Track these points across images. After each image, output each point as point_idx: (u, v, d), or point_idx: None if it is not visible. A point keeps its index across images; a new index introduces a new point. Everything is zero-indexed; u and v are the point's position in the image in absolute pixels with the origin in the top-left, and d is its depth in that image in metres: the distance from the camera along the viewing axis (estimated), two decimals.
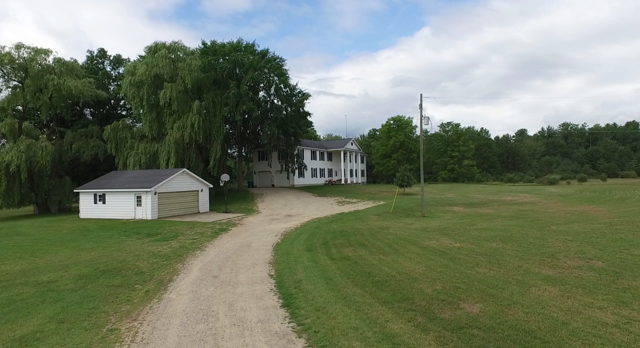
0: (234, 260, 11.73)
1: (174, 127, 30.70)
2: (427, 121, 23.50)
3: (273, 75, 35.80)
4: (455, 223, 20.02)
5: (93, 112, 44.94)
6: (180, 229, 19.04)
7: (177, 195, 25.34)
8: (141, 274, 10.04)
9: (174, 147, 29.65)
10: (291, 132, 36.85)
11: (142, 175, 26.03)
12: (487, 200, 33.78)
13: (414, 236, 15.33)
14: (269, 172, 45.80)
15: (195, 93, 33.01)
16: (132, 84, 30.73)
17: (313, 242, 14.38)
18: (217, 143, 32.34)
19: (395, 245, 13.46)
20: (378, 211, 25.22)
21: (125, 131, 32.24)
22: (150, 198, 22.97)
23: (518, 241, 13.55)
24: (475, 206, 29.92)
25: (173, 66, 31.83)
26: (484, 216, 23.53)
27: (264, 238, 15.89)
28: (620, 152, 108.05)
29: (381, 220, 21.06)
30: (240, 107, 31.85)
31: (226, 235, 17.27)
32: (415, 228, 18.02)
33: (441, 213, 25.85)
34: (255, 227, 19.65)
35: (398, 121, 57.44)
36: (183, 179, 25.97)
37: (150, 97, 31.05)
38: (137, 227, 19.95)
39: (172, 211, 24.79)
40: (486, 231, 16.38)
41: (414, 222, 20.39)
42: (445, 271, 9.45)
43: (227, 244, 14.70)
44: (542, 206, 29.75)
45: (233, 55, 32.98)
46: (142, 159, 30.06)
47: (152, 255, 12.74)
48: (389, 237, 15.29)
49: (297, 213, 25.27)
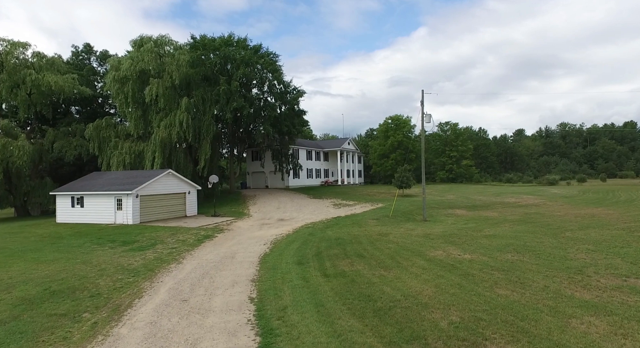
0: (212, 276, 10.13)
1: (161, 125, 29.01)
2: (429, 119, 22.02)
3: (266, 71, 34.20)
4: (460, 228, 18.54)
5: (80, 110, 43.10)
6: (161, 236, 17.40)
7: (162, 198, 23.66)
8: (97, 296, 8.42)
9: (160, 146, 27.94)
10: (285, 131, 35.24)
11: (124, 176, 24.33)
12: (490, 202, 32.39)
13: (417, 245, 13.82)
14: (262, 173, 44.16)
15: (183, 90, 31.33)
16: (116, 80, 28.98)
17: (305, 253, 12.81)
18: (206, 142, 30.68)
19: (397, 256, 11.93)
20: (376, 215, 23.70)
21: (109, 129, 30.48)
22: (131, 202, 21.29)
23: (535, 252, 12.07)
24: (478, 209, 28.51)
25: (160, 61, 30.14)
26: (490, 220, 22.07)
27: (251, 248, 14.30)
28: (618, 152, 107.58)
29: (380, 226, 19.54)
30: (231, 104, 30.21)
31: (210, 243, 15.65)
32: (418, 235, 16.51)
33: (443, 217, 24.38)
34: (244, 234, 18.05)
35: (396, 120, 56.01)
36: (168, 181, 24.31)
37: (135, 93, 29.32)
38: (114, 234, 18.28)
39: (156, 215, 23.11)
40: (496, 239, 14.91)
41: (416, 228, 18.89)
42: (459, 293, 7.92)
43: (208, 255, 13.10)
44: (548, 208, 28.38)
45: (224, 50, 31.33)
46: (126, 159, 28.34)
47: (120, 269, 11.11)
48: (389, 246, 13.76)
49: (290, 217, 23.70)
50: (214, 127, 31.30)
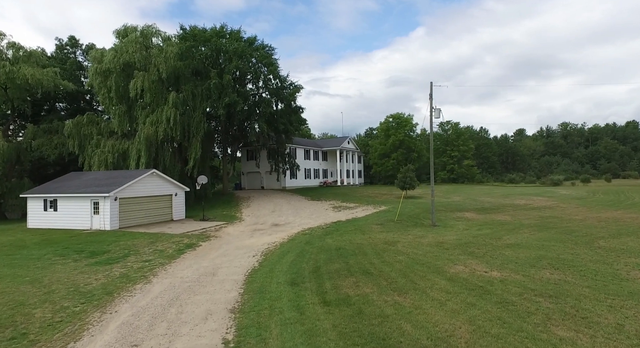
0: (183, 303, 8.07)
1: (147, 122, 26.89)
2: (439, 113, 20.00)
3: (261, 65, 32.13)
4: (475, 235, 16.54)
5: (66, 107, 40.87)
6: (138, 244, 15.32)
7: (145, 200, 21.56)
8: (20, 338, 6.34)
9: (144, 144, 25.82)
10: (282, 129, 33.15)
11: (104, 177, 22.22)
12: (499, 204, 30.41)
13: (432, 257, 11.80)
14: (258, 173, 42.06)
15: (172, 84, 29.23)
16: (99, 73, 26.87)
17: (300, 268, 10.77)
18: (196, 141, 28.57)
19: (410, 273, 9.91)
20: (380, 219, 21.67)
21: (91, 126, 28.32)
22: (108, 205, 19.18)
23: (575, 267, 10.07)
24: (488, 212, 26.53)
25: (146, 53, 28.01)
26: (505, 225, 20.08)
27: (237, 261, 12.24)
28: (620, 152, 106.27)
29: (386, 232, 17.50)
30: (223, 99, 28.12)
31: (191, 254, 13.58)
32: (429, 243, 14.49)
33: (453, 221, 22.37)
34: (232, 242, 15.97)
35: (397, 119, 53.97)
36: (152, 182, 22.20)
37: (119, 87, 27.19)
38: (86, 242, 16.17)
39: (138, 219, 21.01)
40: (521, 249, 12.91)
41: (425, 234, 16.88)
42: (505, 335, 5.89)
43: (186, 271, 11.03)
44: (564, 212, 26.43)
45: (215, 42, 29.24)
46: (109, 158, 26.20)
47: (72, 292, 9.03)
48: (399, 258, 11.73)
49: (286, 222, 21.64)
50: (204, 124, 29.22)
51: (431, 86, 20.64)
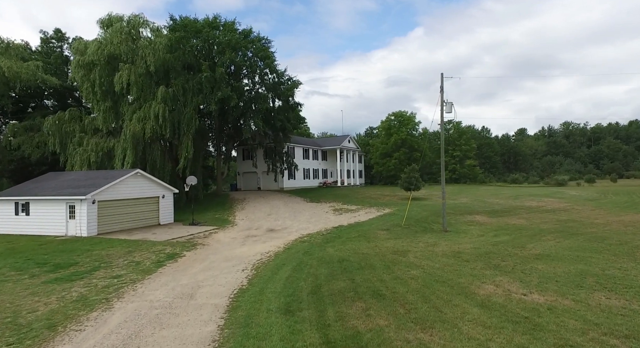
0: (143, 342, 6.20)
1: (133, 118, 24.98)
2: (450, 108, 18.18)
3: (257, 58, 30.24)
4: (493, 243, 14.72)
5: (53, 104, 38.89)
6: (112, 255, 13.44)
7: (128, 203, 19.67)
8: None
9: (130, 142, 23.92)
10: (279, 126, 31.27)
11: (84, 178, 20.30)
12: (510, 206, 28.62)
13: (452, 272, 9.98)
14: (254, 173, 40.16)
15: (161, 78, 27.30)
16: (81, 66, 24.96)
17: (297, 288, 8.92)
18: (187, 139, 26.66)
19: (431, 295, 8.08)
20: (386, 224, 19.83)
21: (74, 123, 26.39)
22: (85, 209, 17.28)
23: (633, 288, 8.25)
24: (500, 214, 24.74)
25: (133, 44, 26.10)
26: (523, 231, 18.28)
27: (223, 277, 10.38)
28: (624, 152, 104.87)
29: (393, 239, 15.66)
30: (216, 94, 26.24)
31: (171, 267, 11.71)
32: (444, 253, 12.66)
33: (465, 225, 20.56)
34: (220, 251, 14.11)
35: (400, 117, 52.13)
36: (137, 183, 20.31)
37: (103, 81, 25.26)
38: (54, 251, 14.27)
39: (120, 224, 19.12)
40: (554, 261, 11.10)
41: (438, 242, 15.05)
42: None
43: (158, 291, 9.16)
44: (581, 214, 24.67)
45: (207, 33, 27.34)
46: (91, 157, 24.28)
47: (8, 323, 7.16)
48: (413, 273, 9.90)
49: (283, 227, 19.78)
50: (196, 121, 27.30)
51: (442, 78, 18.84)
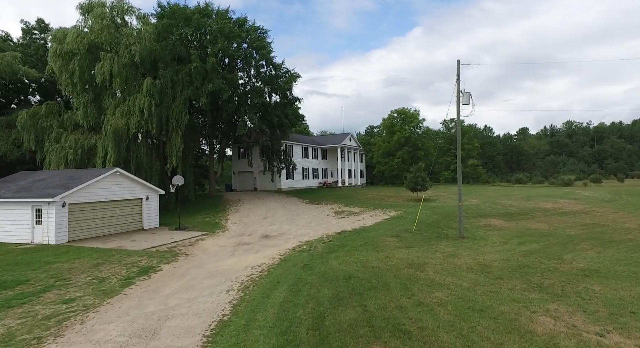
0: None
1: (116, 112, 22.85)
2: (468, 98, 16.12)
3: (252, 50, 28.12)
4: (521, 252, 12.67)
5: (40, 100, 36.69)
6: (75, 268, 11.33)
7: (105, 206, 17.54)
8: None
9: (112, 139, 21.78)
10: (276, 122, 29.15)
11: (55, 177, 18.16)
12: (525, 208, 26.59)
13: (487, 294, 7.93)
14: (250, 173, 38.04)
15: (148, 69, 25.18)
16: (59, 55, 22.79)
17: (294, 321, 6.83)
18: (177, 135, 24.53)
19: (471, 333, 6.02)
20: (394, 229, 17.75)
21: (51, 118, 24.20)
22: (53, 213, 15.15)
23: None
24: (517, 218, 22.73)
25: (116, 32, 23.97)
26: (550, 237, 16.26)
27: (201, 302, 8.29)
28: (628, 151, 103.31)
29: (406, 248, 13.59)
30: (206, 86, 24.13)
31: (140, 287, 9.61)
32: (469, 266, 10.61)
33: (481, 230, 18.52)
34: (205, 264, 12.00)
35: (403, 114, 50.03)
36: (116, 183, 18.18)
37: (84, 72, 23.12)
38: (8, 264, 12.12)
39: (96, 230, 16.99)
40: (608, 280, 9.06)
41: (457, 251, 12.99)
42: None
43: (111, 326, 7.05)
44: (604, 217, 22.70)
45: (197, 20, 25.21)
46: (69, 155, 22.12)
47: None
48: (438, 295, 7.85)
49: (279, 233, 17.69)
50: (186, 116, 25.15)
51: (458, 65, 16.77)
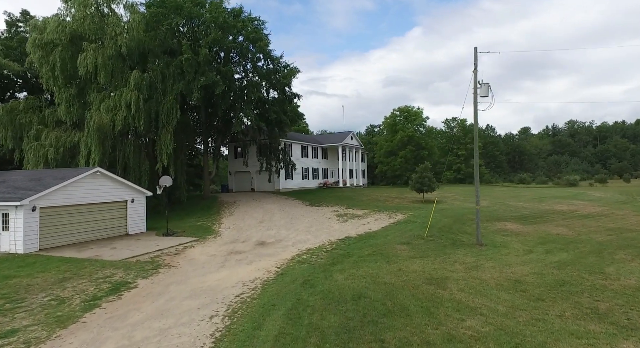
0: None
1: (101, 107, 21.15)
2: (486, 90, 14.48)
3: (248, 42, 26.43)
4: (554, 265, 11.02)
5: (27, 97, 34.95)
6: (35, 285, 9.64)
7: (84, 210, 15.84)
8: None
9: (96, 136, 20.09)
10: (274, 119, 27.45)
11: (28, 178, 16.45)
12: (539, 210, 24.96)
13: (533, 324, 6.28)
14: (247, 173, 36.34)
15: (137, 62, 23.46)
16: (39, 45, 21.09)
17: None
18: (167, 132, 22.81)
19: None
20: (403, 234, 16.07)
21: (31, 114, 22.48)
22: (22, 218, 13.45)
23: None
24: (533, 221, 21.10)
25: (101, 21, 22.28)
26: (579, 244, 14.63)
27: (175, 336, 6.59)
28: (632, 151, 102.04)
29: (419, 258, 11.92)
30: (199, 79, 22.44)
31: (105, 311, 7.91)
32: (498, 282, 8.98)
33: (499, 236, 16.86)
34: (189, 278, 10.31)
35: (405, 112, 48.39)
36: (96, 184, 16.48)
37: (66, 64, 21.41)
38: None
39: (73, 236, 15.29)
40: None
41: (478, 262, 11.33)
42: None
43: None
44: (629, 221, 21.08)
45: (189, 8, 23.51)
46: (49, 153, 20.42)
47: None
48: (472, 326, 6.19)
49: (277, 239, 16.00)
50: (177, 112, 23.44)
51: (475, 53, 15.14)
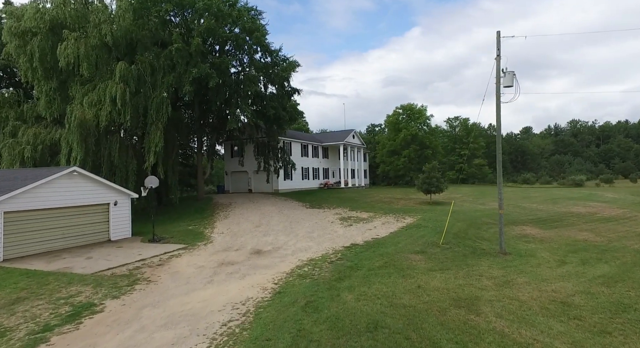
0: None
1: (84, 102, 19.45)
2: (511, 79, 12.82)
3: (244, 33, 24.75)
4: (600, 280, 9.39)
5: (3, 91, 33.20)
6: None
7: (59, 214, 14.15)
8: None
9: (77, 132, 18.40)
10: (272, 115, 25.78)
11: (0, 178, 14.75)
12: (555, 213, 23.34)
13: None
14: (244, 173, 34.66)
15: (124, 53, 21.77)
16: (15, 34, 19.41)
17: None
18: (157, 129, 21.10)
19: None
20: (416, 241, 14.41)
21: (7, 109, 20.79)
22: None
23: None
24: (552, 225, 19.46)
25: (84, 8, 20.59)
26: (615, 253, 12.99)
27: None
28: (635, 151, 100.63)
29: (439, 271, 10.26)
30: (190, 71, 20.76)
31: None
32: (542, 305, 7.33)
33: (521, 242, 15.21)
34: (168, 299, 8.62)
35: (409, 110, 46.76)
36: (74, 185, 14.78)
37: (46, 55, 19.71)
38: None
39: (45, 244, 13.59)
40: None
41: (509, 276, 9.69)
42: None
43: None
44: None
45: None
46: (26, 151, 18.74)
47: None
48: None
49: (275, 246, 14.31)
50: (168, 107, 21.73)
51: (498, 38, 13.47)
